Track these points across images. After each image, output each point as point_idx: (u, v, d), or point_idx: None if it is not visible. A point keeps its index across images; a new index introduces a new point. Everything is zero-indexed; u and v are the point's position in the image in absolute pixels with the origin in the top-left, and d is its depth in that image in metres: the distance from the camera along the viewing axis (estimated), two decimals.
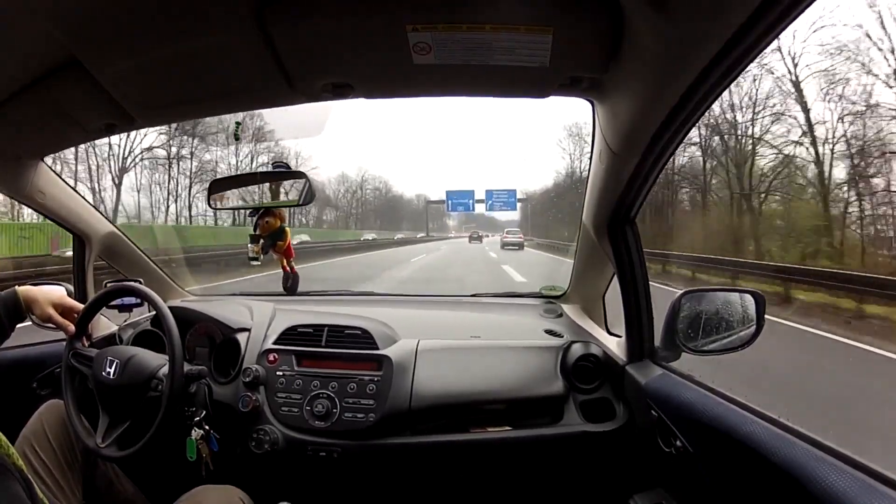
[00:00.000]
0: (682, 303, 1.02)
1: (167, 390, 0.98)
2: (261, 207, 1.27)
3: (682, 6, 0.53)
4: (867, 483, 0.57)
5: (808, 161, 13.20)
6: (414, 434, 1.13)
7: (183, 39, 0.69)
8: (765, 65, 13.53)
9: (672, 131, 0.75)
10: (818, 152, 12.85)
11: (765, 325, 0.96)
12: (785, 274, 8.26)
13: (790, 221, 13.07)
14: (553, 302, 1.55)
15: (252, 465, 1.14)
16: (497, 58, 0.71)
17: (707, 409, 0.84)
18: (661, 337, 1.06)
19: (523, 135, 74.22)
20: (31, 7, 0.62)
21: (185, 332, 1.28)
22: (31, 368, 1.27)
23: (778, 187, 13.91)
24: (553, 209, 25.60)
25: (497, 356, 1.23)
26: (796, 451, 0.64)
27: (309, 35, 0.69)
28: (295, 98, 0.85)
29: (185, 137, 20.57)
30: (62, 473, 0.97)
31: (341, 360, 1.18)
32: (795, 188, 13.69)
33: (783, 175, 13.86)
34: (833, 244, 11.81)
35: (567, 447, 1.16)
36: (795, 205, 13.43)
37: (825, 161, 12.75)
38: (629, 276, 1.06)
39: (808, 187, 13.51)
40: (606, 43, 0.66)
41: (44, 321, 1.02)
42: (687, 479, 0.93)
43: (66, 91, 0.83)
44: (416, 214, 40.95)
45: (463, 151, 72.48)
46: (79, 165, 18.14)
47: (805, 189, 13.58)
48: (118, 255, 1.46)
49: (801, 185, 13.69)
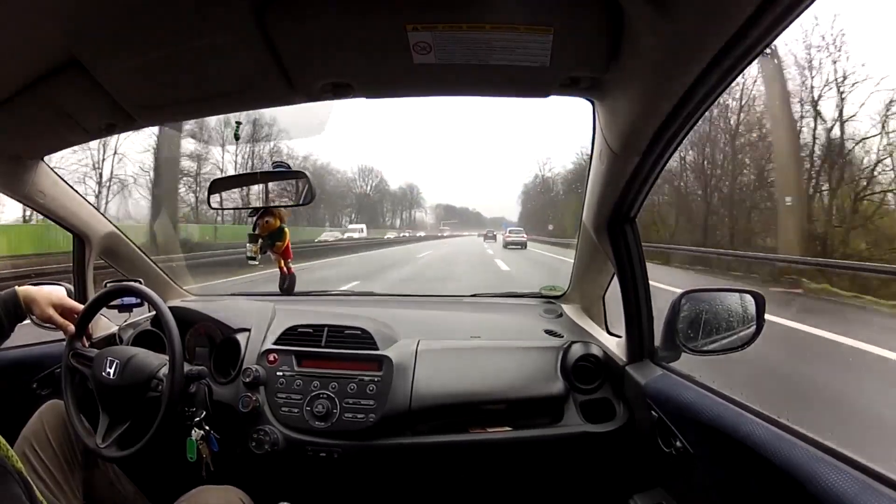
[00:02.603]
0: (682, 303, 1.02)
1: (167, 391, 0.98)
2: (260, 207, 1.27)
3: (682, 6, 0.53)
4: (867, 483, 0.57)
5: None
6: (414, 434, 1.13)
7: (183, 39, 0.69)
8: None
9: (672, 131, 0.75)
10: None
11: (764, 324, 0.96)
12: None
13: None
14: (553, 302, 1.55)
15: (252, 465, 1.14)
16: (497, 57, 0.71)
17: (707, 409, 0.84)
18: (661, 337, 1.06)
19: (522, 130, 74.22)
20: (31, 7, 0.62)
21: (185, 332, 1.28)
22: (31, 368, 1.27)
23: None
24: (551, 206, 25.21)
25: (497, 356, 1.23)
26: (796, 451, 0.64)
27: (309, 35, 0.69)
28: (295, 98, 0.85)
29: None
30: (62, 474, 0.97)
31: (341, 361, 1.18)
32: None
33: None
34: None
35: (567, 447, 1.16)
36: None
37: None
38: (629, 276, 1.06)
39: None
40: (606, 43, 0.66)
41: (44, 321, 1.02)
42: (687, 479, 0.93)
43: (66, 91, 0.83)
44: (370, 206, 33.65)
45: (448, 152, 72.42)
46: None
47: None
48: (118, 255, 1.45)
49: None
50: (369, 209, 34.75)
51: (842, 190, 10.71)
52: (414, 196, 42.63)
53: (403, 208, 41.57)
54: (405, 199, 41.87)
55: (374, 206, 35.71)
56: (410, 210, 42.51)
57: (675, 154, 0.85)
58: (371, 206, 35.32)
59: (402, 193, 41.59)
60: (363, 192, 34.60)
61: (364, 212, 33.50)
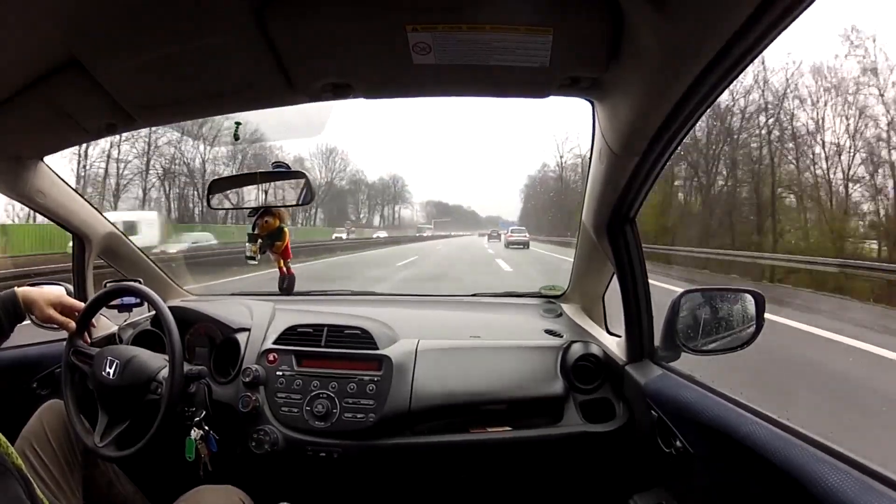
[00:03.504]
0: (682, 302, 1.02)
1: (167, 391, 0.98)
2: (260, 207, 1.27)
3: (682, 6, 0.53)
4: (867, 483, 0.57)
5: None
6: (414, 434, 1.13)
7: (183, 39, 0.69)
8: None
9: (672, 131, 0.75)
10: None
11: (764, 324, 0.96)
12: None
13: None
14: (553, 302, 1.55)
15: (252, 465, 1.14)
16: (497, 58, 0.71)
17: (707, 409, 0.84)
18: (661, 337, 1.06)
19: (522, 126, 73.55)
20: (31, 7, 0.62)
21: (185, 331, 1.28)
22: (31, 368, 1.27)
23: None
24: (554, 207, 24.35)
25: (497, 356, 1.23)
26: (796, 451, 0.64)
27: (309, 35, 0.69)
28: (295, 98, 0.85)
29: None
30: (62, 473, 0.97)
31: (341, 360, 1.18)
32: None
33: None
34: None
35: (567, 447, 1.16)
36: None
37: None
38: (629, 276, 1.06)
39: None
40: (606, 43, 0.66)
41: (44, 321, 1.02)
42: (687, 479, 0.93)
43: (66, 91, 0.83)
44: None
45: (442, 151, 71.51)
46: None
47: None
48: (118, 255, 1.46)
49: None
50: (335, 202, 29.89)
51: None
52: (398, 189, 36.87)
53: (384, 202, 35.34)
54: (387, 192, 35.36)
55: (342, 198, 30.14)
56: (394, 206, 36.16)
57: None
58: (340, 197, 29.87)
59: (384, 186, 35.34)
60: (326, 181, 28.93)
61: (326, 206, 28.57)
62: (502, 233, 23.78)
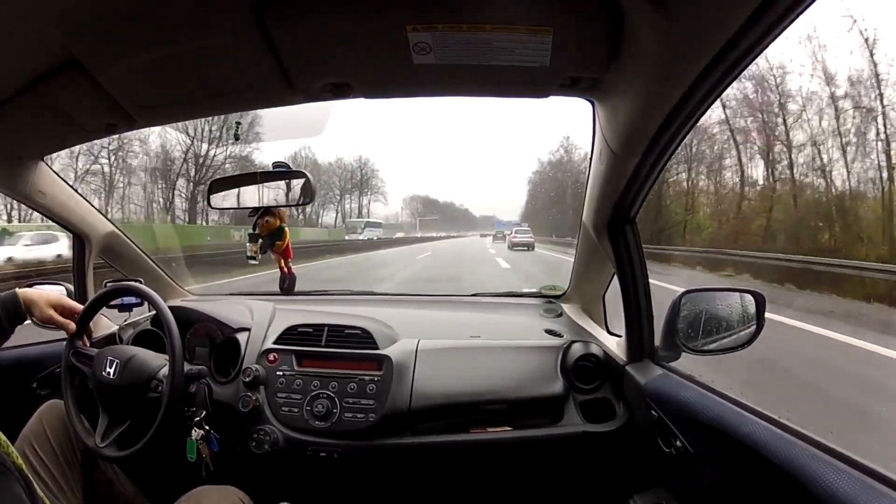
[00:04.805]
0: (683, 302, 1.02)
1: (167, 390, 0.98)
2: (260, 207, 1.27)
3: (682, 6, 0.53)
4: (867, 483, 0.57)
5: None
6: (414, 434, 1.13)
7: (183, 39, 0.69)
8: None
9: (672, 131, 0.75)
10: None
11: (765, 324, 0.96)
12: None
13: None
14: (553, 301, 1.55)
15: (252, 465, 1.14)
16: (497, 58, 0.71)
17: (707, 409, 0.84)
18: (662, 337, 1.06)
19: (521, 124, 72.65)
20: (31, 7, 0.62)
21: (185, 331, 1.28)
22: (31, 368, 1.27)
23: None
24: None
25: (497, 356, 1.23)
26: (796, 451, 0.64)
27: (309, 35, 0.69)
28: (295, 98, 0.85)
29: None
30: (62, 473, 0.97)
31: (341, 360, 1.18)
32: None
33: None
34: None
35: (567, 447, 1.16)
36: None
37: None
38: (629, 276, 1.06)
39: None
40: (606, 43, 0.66)
41: (44, 322, 1.02)
42: (687, 479, 0.93)
43: (66, 91, 0.83)
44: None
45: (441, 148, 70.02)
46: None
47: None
48: (118, 254, 1.46)
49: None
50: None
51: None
52: (366, 175, 27.56)
53: (345, 192, 26.50)
54: (352, 178, 26.38)
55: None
56: (360, 197, 26.90)
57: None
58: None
59: (346, 171, 26.07)
60: (225, 156, 19.05)
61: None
62: (507, 234, 23.10)
